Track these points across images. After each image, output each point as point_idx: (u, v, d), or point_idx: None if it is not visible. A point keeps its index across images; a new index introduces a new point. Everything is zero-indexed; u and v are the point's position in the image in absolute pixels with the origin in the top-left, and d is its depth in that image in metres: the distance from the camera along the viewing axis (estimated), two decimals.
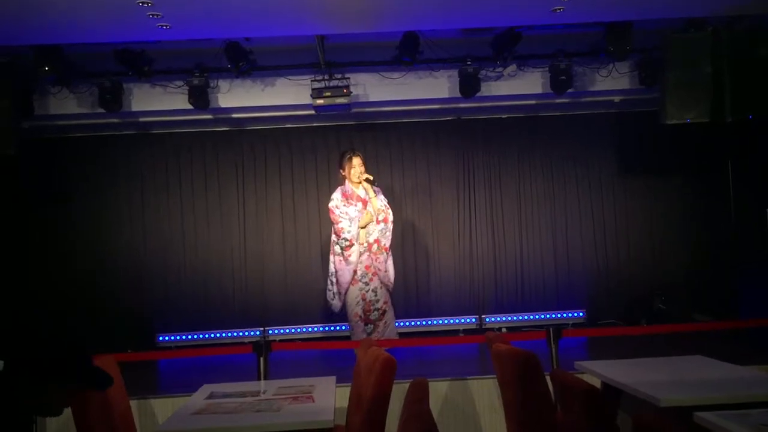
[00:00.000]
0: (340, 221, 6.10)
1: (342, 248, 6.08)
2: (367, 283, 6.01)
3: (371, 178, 6.15)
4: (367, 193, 6.17)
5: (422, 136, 8.05)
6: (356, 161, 6.14)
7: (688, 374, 3.80)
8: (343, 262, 6.08)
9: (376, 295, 6.01)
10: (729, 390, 3.36)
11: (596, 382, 4.14)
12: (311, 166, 8.00)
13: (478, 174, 8.06)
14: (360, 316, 6.01)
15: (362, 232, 6.10)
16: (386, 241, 6.11)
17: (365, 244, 6.08)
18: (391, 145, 8.03)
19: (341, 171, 6.31)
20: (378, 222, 6.10)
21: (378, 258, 6.06)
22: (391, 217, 6.19)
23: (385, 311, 6.04)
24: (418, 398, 2.25)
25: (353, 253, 6.06)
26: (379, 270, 6.06)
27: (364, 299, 6.00)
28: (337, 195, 6.25)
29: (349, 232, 6.08)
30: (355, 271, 6.04)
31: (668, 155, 7.91)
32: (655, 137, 7.69)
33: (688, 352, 4.47)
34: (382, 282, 6.06)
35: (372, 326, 6.00)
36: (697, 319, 7.49)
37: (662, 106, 6.13)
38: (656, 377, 3.67)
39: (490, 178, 8.07)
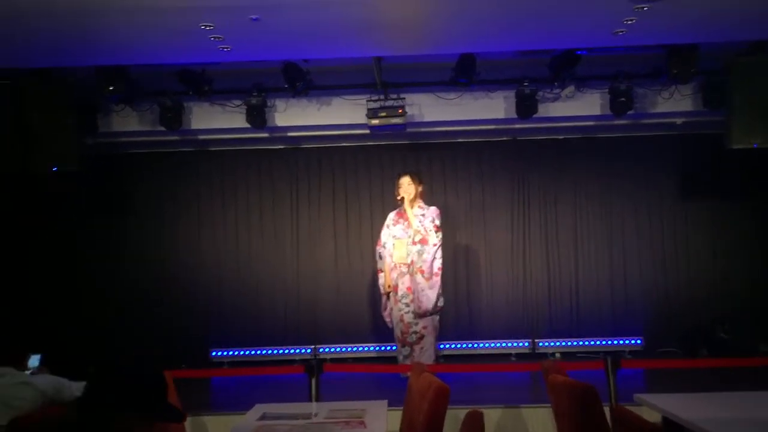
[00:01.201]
0: (378, 246, 6.27)
1: (379, 258, 6.30)
2: (407, 305, 5.96)
3: (401, 196, 6.13)
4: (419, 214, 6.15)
5: (477, 157, 7.98)
6: (401, 181, 6.18)
7: (758, 413, 3.63)
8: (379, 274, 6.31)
9: (414, 318, 5.93)
10: None
11: (656, 416, 4.01)
12: (365, 185, 8.01)
13: (533, 195, 7.95)
14: (398, 338, 5.97)
15: (403, 251, 6.06)
16: (422, 264, 5.98)
17: (407, 265, 6.04)
18: (446, 166, 7.99)
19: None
20: (414, 243, 6.03)
21: (412, 280, 5.99)
22: (432, 240, 6.05)
23: (423, 336, 5.92)
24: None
25: (380, 278, 6.24)
26: (413, 293, 5.98)
27: (402, 321, 5.95)
28: (391, 214, 6.29)
29: (379, 259, 6.27)
30: (396, 291, 6.00)
31: (732, 179, 7.66)
32: (718, 160, 7.45)
33: (755, 387, 4.28)
34: (414, 306, 5.97)
35: (409, 349, 5.92)
36: (762, 349, 7.19)
37: (728, 131, 5.94)
38: (723, 414, 3.51)
39: (545, 199, 7.95)
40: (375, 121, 6.64)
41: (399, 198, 6.13)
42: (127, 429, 1.97)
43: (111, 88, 6.08)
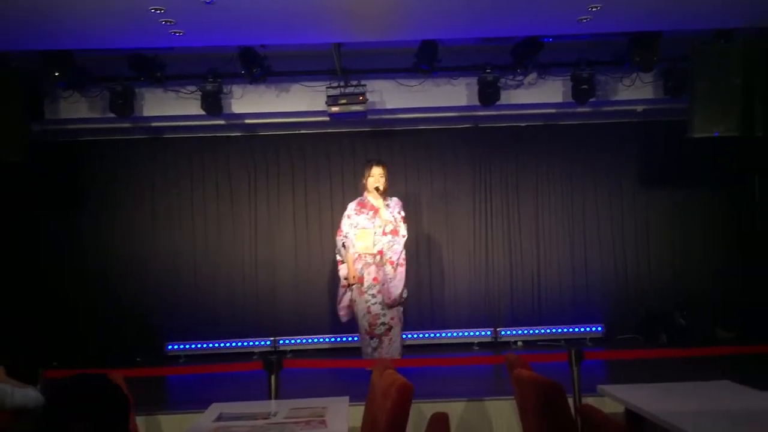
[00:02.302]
0: (338, 235, 6.07)
1: (340, 249, 6.07)
2: (374, 295, 5.82)
3: (380, 187, 5.95)
4: (385, 203, 6.01)
5: (439, 144, 7.90)
6: (376, 170, 5.97)
7: (717, 403, 3.63)
8: (340, 264, 6.10)
9: (382, 309, 5.82)
10: (762, 425, 3.19)
11: (620, 407, 3.99)
12: (325, 174, 7.87)
13: (495, 183, 7.90)
14: (366, 330, 5.84)
15: (370, 242, 5.92)
16: (393, 255, 5.87)
17: (373, 255, 5.91)
18: (407, 153, 7.89)
19: (363, 179, 6.14)
20: (385, 233, 5.90)
21: (380, 270, 5.87)
22: (402, 231, 5.92)
23: (391, 327, 5.82)
24: None
25: (341, 270, 6.05)
26: (381, 284, 5.86)
27: (369, 312, 5.81)
28: (352, 204, 6.11)
29: (338, 249, 6.06)
30: (362, 283, 5.88)
31: (691, 167, 7.72)
32: (678, 148, 7.49)
33: (713, 373, 4.30)
34: (382, 296, 5.85)
35: (377, 341, 5.81)
36: (719, 335, 7.30)
37: (690, 119, 5.94)
38: (684, 406, 3.50)
39: (507, 187, 7.91)
40: (335, 109, 6.49)
41: (375, 188, 5.93)
42: None
43: (57, 74, 5.81)
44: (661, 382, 4.12)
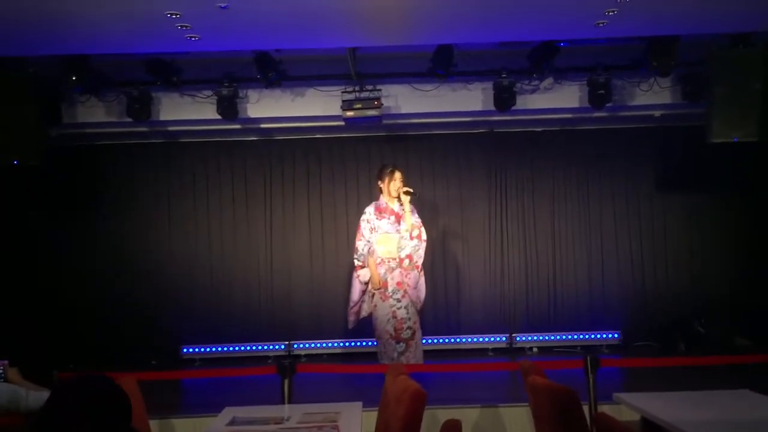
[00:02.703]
0: (359, 239, 6.02)
1: (356, 266, 6.04)
2: (399, 300, 5.83)
3: (411, 190, 5.97)
4: (402, 207, 6.01)
5: (454, 149, 7.87)
6: (398, 175, 6.01)
7: (735, 413, 3.58)
8: (356, 279, 6.04)
9: (407, 313, 5.82)
10: None
11: (635, 416, 3.95)
12: (340, 178, 7.87)
13: (510, 188, 7.86)
14: (391, 335, 5.82)
15: (394, 247, 5.93)
16: (418, 259, 5.93)
17: (397, 260, 5.92)
18: (422, 158, 7.87)
19: (379, 183, 6.13)
20: (411, 238, 5.94)
21: (408, 275, 5.89)
22: (424, 236, 6.00)
23: (415, 331, 5.86)
24: None
25: (361, 275, 5.98)
26: (409, 287, 5.88)
27: (395, 317, 5.81)
28: (369, 209, 6.11)
29: (362, 255, 6.01)
30: (386, 287, 5.86)
31: (711, 172, 7.63)
32: (696, 153, 7.41)
33: (732, 382, 4.24)
34: (411, 300, 5.88)
35: (404, 345, 5.81)
36: (737, 343, 7.20)
37: (708, 124, 5.88)
38: (701, 415, 3.46)
39: (523, 192, 7.86)
40: (350, 113, 6.49)
41: (404, 191, 5.94)
42: None
43: (74, 78, 5.86)
44: (678, 390, 4.07)
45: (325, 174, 7.88)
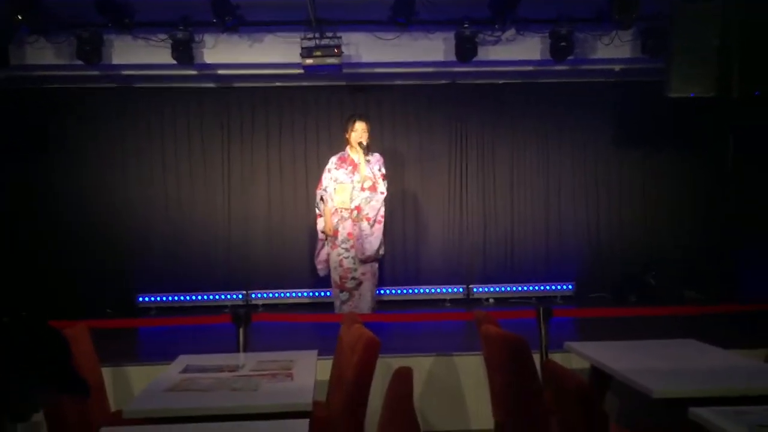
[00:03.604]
0: (318, 189, 6.06)
1: (319, 202, 6.09)
2: (347, 249, 5.83)
3: (363, 143, 5.91)
4: (360, 158, 5.96)
5: (415, 100, 7.81)
6: (359, 125, 5.93)
7: (681, 361, 3.68)
8: (318, 219, 6.10)
9: (354, 263, 5.83)
10: (726, 381, 3.24)
11: (585, 364, 4.04)
12: (300, 128, 7.76)
13: (471, 141, 7.86)
14: (336, 283, 5.88)
15: (347, 197, 5.89)
16: (370, 211, 5.86)
17: (349, 210, 5.89)
18: (383, 109, 7.80)
19: (345, 134, 6.10)
20: (363, 189, 5.87)
21: (356, 226, 5.85)
22: (381, 188, 5.92)
23: (362, 282, 5.83)
24: (402, 394, 2.09)
25: (318, 223, 6.05)
26: (356, 239, 5.85)
27: (341, 265, 5.84)
28: (333, 158, 6.11)
29: (317, 205, 6.07)
30: (336, 236, 5.86)
31: (668, 127, 7.72)
32: (655, 108, 7.47)
33: (680, 333, 4.36)
34: (357, 252, 5.84)
35: (347, 294, 5.84)
36: (687, 296, 7.40)
37: (667, 79, 5.91)
38: (648, 364, 3.55)
39: (483, 145, 7.87)
40: (309, 61, 6.36)
41: (357, 142, 5.89)
42: (15, 410, 1.78)
43: (20, 17, 5.60)
44: (628, 340, 4.17)
45: (285, 124, 7.76)
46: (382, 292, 7.38)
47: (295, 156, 7.73)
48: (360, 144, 5.88)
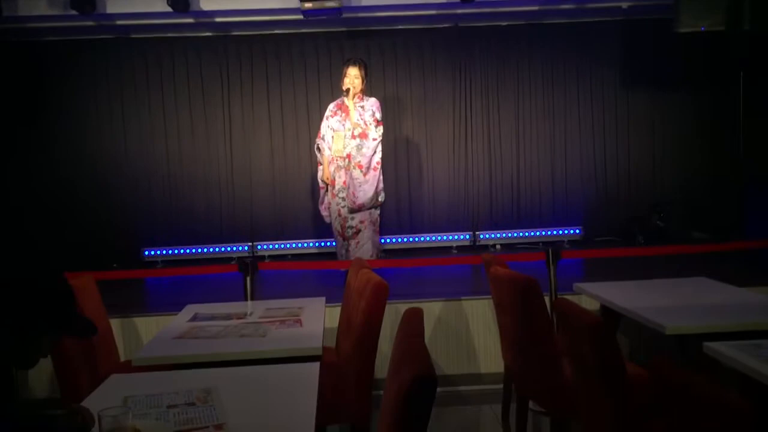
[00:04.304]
0: (318, 138, 5.94)
1: (318, 148, 5.99)
2: (343, 198, 5.77)
3: (350, 89, 5.74)
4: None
5: (418, 45, 7.65)
6: (351, 71, 5.75)
7: (692, 298, 3.66)
8: (318, 167, 5.99)
9: (350, 212, 5.76)
10: (738, 317, 3.21)
11: (595, 305, 4.01)
12: (300, 75, 7.62)
13: (475, 85, 7.71)
14: (338, 231, 5.84)
15: (341, 144, 5.78)
16: (361, 158, 5.72)
17: (343, 158, 5.78)
18: (385, 54, 7.63)
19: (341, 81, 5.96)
20: (353, 137, 5.74)
21: (349, 174, 5.76)
22: (372, 134, 5.72)
23: (360, 231, 5.76)
24: (414, 332, 2.05)
25: (319, 171, 5.93)
26: (348, 187, 5.76)
27: (339, 215, 5.78)
28: (331, 105, 5.96)
29: (318, 152, 5.95)
30: (334, 185, 5.80)
31: (675, 67, 7.55)
32: (663, 48, 7.32)
33: (690, 272, 4.32)
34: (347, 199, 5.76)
35: (347, 243, 5.81)
36: (694, 236, 7.35)
37: (676, 14, 5.74)
38: (659, 302, 3.52)
39: (487, 89, 7.73)
40: (308, 5, 6.19)
41: (344, 89, 5.75)
42: (21, 355, 1.73)
43: None
44: (637, 280, 4.14)
45: (285, 72, 7.62)
46: (387, 240, 7.35)
47: (296, 105, 7.62)
48: (347, 91, 5.74)
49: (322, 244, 7.34)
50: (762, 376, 2.29)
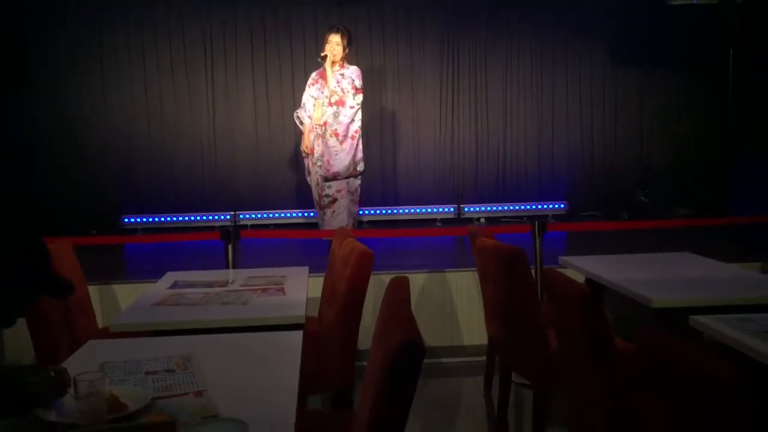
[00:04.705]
0: (304, 95, 5.82)
1: (298, 118, 5.89)
2: (321, 167, 5.69)
3: (328, 56, 5.63)
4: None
5: (406, 14, 7.53)
6: (331, 38, 5.64)
7: (678, 272, 3.65)
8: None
9: (327, 181, 5.69)
10: (723, 291, 3.20)
11: (580, 278, 4.00)
12: (285, 42, 7.48)
13: (463, 58, 7.62)
14: (316, 201, 5.79)
15: (320, 113, 5.68)
16: (338, 126, 5.62)
17: (321, 126, 5.69)
18: (373, 23, 7.51)
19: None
20: (330, 104, 5.65)
21: (326, 142, 5.67)
22: (350, 102, 5.62)
23: (336, 200, 5.68)
24: (400, 299, 2.01)
25: (303, 140, 5.84)
26: (323, 155, 5.67)
27: (318, 183, 5.71)
28: (313, 74, 5.86)
29: (296, 120, 5.85)
30: (313, 154, 5.71)
31: (665, 43, 7.50)
32: (653, 24, 7.26)
33: (674, 248, 4.32)
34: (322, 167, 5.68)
35: (323, 212, 5.75)
36: (678, 212, 7.37)
37: None
38: (645, 275, 3.51)
39: (476, 62, 7.64)
40: None
41: (322, 55, 5.64)
42: (6, 306, 1.68)
43: None
44: (622, 254, 4.13)
45: (271, 39, 7.48)
46: (371, 212, 7.30)
47: (281, 73, 7.49)
48: (324, 57, 5.63)
49: (305, 214, 7.26)
50: (751, 350, 2.27)
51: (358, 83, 5.67)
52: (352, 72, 5.71)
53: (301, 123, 5.82)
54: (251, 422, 1.59)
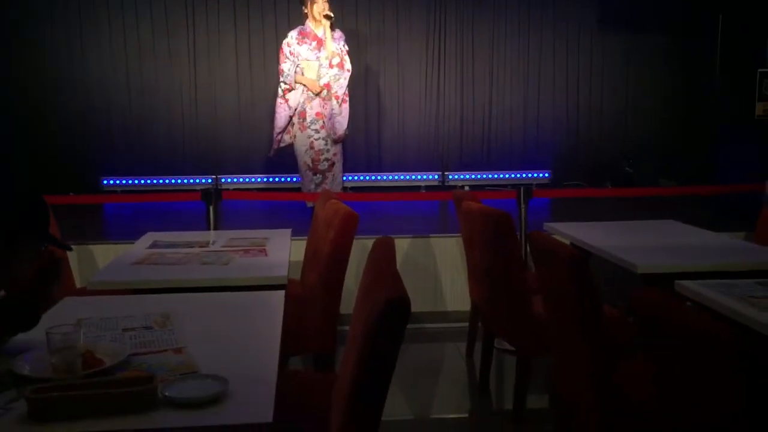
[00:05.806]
0: (284, 62, 5.59)
1: (282, 90, 5.63)
2: (317, 131, 5.56)
3: (331, 15, 5.52)
4: (324, 33, 5.59)
5: None
6: None
7: (663, 239, 3.63)
8: (282, 104, 5.63)
9: (326, 144, 5.59)
10: (709, 258, 3.19)
11: (565, 243, 3.97)
12: (269, 5, 7.32)
13: (449, 24, 7.52)
14: (309, 166, 5.64)
15: (314, 74, 5.57)
16: (338, 89, 5.54)
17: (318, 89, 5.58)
18: None
19: (303, 8, 5.68)
20: (331, 66, 5.55)
21: (326, 105, 5.58)
22: (348, 65, 5.58)
23: (334, 163, 5.63)
24: (386, 257, 1.96)
25: (291, 98, 5.59)
26: (326, 119, 5.58)
27: (312, 147, 5.58)
28: (292, 33, 5.67)
29: (288, 76, 5.59)
30: (298, 117, 5.57)
31: (654, 11, 7.44)
32: None
33: (659, 216, 4.30)
34: (328, 132, 5.59)
35: (321, 176, 5.64)
36: (662, 183, 7.38)
37: None
38: (630, 242, 3.49)
39: (462, 29, 7.54)
40: None
41: (324, 15, 5.47)
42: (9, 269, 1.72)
43: None
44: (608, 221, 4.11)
45: (252, 1, 7.31)
46: (354, 178, 7.23)
47: (264, 32, 7.33)
48: (327, 17, 5.48)
49: (287, 179, 7.18)
50: (736, 314, 2.25)
51: (347, 47, 5.61)
52: (341, 35, 5.62)
53: (291, 88, 5.60)
54: (232, 379, 1.55)
